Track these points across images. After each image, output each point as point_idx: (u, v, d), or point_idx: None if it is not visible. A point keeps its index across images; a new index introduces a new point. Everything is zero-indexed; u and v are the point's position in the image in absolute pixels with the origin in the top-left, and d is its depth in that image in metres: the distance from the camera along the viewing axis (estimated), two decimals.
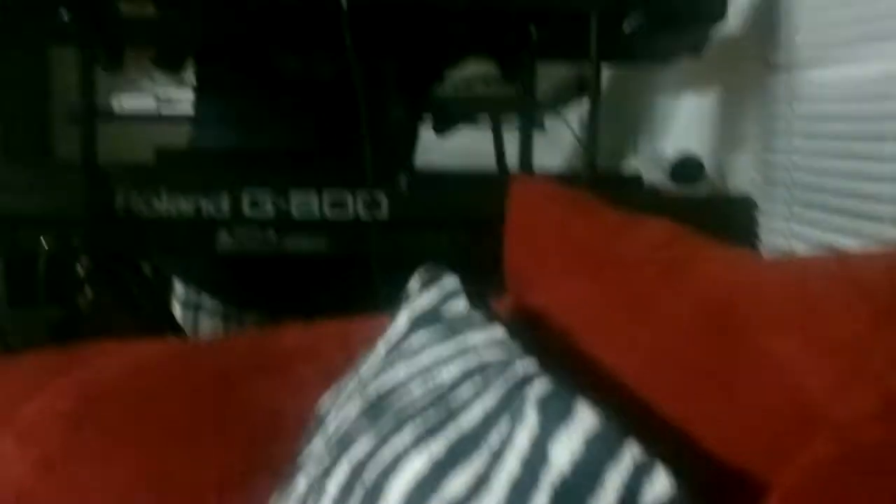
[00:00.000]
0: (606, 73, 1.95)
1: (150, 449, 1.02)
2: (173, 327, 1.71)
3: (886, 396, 0.60)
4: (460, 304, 0.88)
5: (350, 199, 1.50)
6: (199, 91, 1.86)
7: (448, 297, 0.90)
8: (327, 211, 1.50)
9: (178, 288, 1.85)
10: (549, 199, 1.11)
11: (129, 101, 2.50)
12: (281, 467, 0.92)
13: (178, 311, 1.85)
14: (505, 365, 0.77)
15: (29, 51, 2.62)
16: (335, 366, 1.04)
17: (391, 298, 1.14)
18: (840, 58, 1.39)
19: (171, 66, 1.93)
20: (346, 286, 1.68)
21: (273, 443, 1.00)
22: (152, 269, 1.80)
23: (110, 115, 1.47)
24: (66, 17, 1.37)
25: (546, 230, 1.08)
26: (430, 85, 1.81)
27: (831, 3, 1.40)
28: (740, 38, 1.64)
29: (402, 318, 0.90)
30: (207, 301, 1.81)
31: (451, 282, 0.92)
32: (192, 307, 1.82)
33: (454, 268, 1.54)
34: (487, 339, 0.82)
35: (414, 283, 0.96)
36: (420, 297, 0.92)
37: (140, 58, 1.80)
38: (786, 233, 1.50)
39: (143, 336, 1.54)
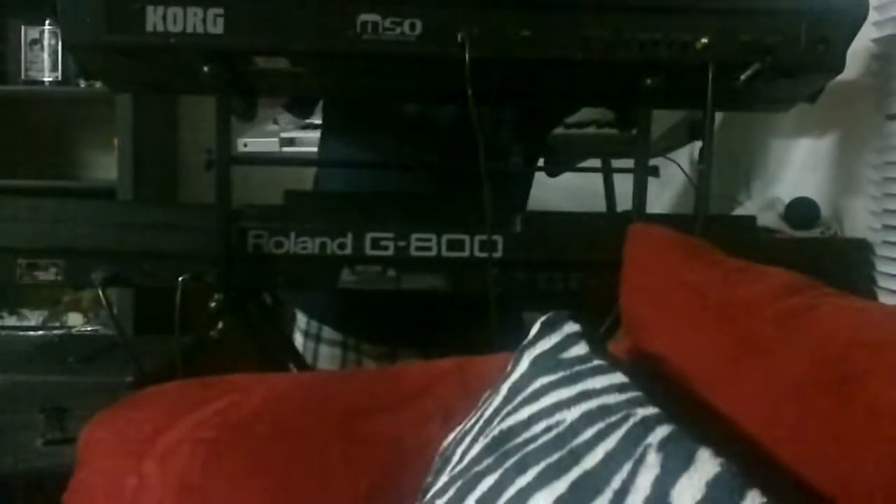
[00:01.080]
0: (720, 115, 1.95)
1: (282, 477, 1.07)
2: (294, 358, 1.76)
3: None
4: (581, 349, 0.91)
5: (467, 241, 1.53)
6: (325, 135, 1.92)
7: (569, 341, 0.93)
8: (445, 251, 1.53)
9: (300, 318, 1.91)
10: (666, 246, 1.13)
11: (254, 142, 2.60)
12: (404, 499, 0.96)
13: (298, 339, 1.91)
14: (626, 409, 0.79)
15: (163, 101, 2.75)
16: (453, 403, 1.07)
17: (505, 335, 1.17)
18: None
19: (301, 112, 2.01)
20: (460, 322, 1.72)
21: (396, 474, 1.04)
22: (273, 301, 1.86)
23: (242, 160, 1.54)
24: (206, 71, 1.44)
25: (663, 277, 1.09)
26: (547, 132, 1.85)
27: None
28: (857, 87, 1.62)
29: (525, 362, 0.93)
30: (327, 331, 1.87)
31: (572, 327, 0.94)
32: (314, 337, 1.88)
33: (567, 307, 1.57)
34: (608, 383, 0.84)
35: (536, 327, 0.99)
36: (542, 340, 0.95)
37: (269, 102, 1.88)
38: None
39: (267, 366, 1.61)
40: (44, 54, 2.85)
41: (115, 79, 1.75)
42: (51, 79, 2.82)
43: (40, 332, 2.89)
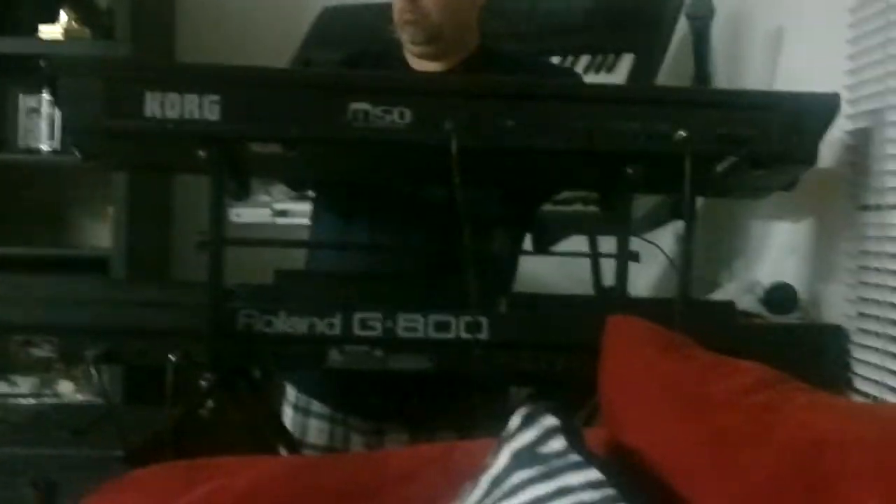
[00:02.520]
0: (700, 200, 1.98)
1: None
2: (283, 436, 1.77)
3: None
4: (559, 444, 0.92)
5: (453, 322, 1.54)
6: (317, 209, 1.95)
7: (547, 435, 0.94)
8: (431, 332, 1.54)
9: (290, 392, 1.92)
10: (644, 339, 1.15)
11: (247, 212, 2.62)
12: None
13: (288, 412, 1.91)
14: None
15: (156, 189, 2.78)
16: (437, 491, 1.08)
17: (491, 410, 1.19)
18: None
19: (296, 186, 2.05)
20: (448, 399, 1.73)
21: None
22: (263, 376, 1.86)
23: (234, 242, 1.55)
24: (202, 155, 1.47)
25: (640, 369, 1.12)
26: (533, 209, 1.88)
27: None
28: (832, 176, 1.65)
29: (504, 455, 0.95)
30: (316, 406, 1.87)
31: (550, 420, 0.96)
32: (303, 411, 1.88)
33: (551, 387, 1.59)
34: (585, 480, 0.86)
35: (515, 419, 1.00)
36: (521, 434, 0.97)
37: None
38: (878, 364, 1.50)
39: (257, 444, 1.62)
40: (41, 123, 2.87)
41: (112, 159, 1.79)
42: (48, 147, 2.84)
43: (32, 402, 2.87)
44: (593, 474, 0.87)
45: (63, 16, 2.69)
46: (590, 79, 2.12)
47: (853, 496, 0.79)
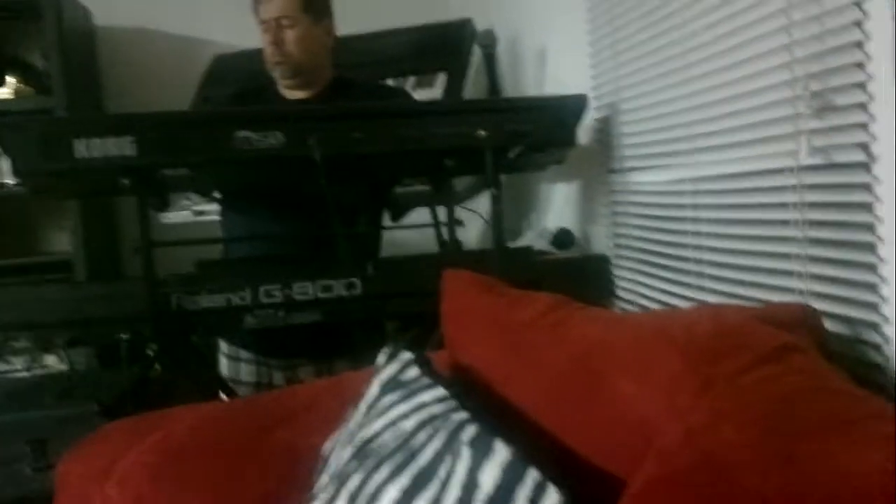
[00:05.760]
0: (503, 176, 1.99)
1: (211, 485, 1.03)
2: (219, 383, 1.71)
3: (686, 430, 0.65)
4: (414, 372, 0.92)
5: (335, 284, 1.51)
6: (224, 210, 1.87)
7: (405, 366, 0.93)
8: (319, 293, 1.51)
9: (223, 345, 1.84)
10: (468, 284, 1.15)
11: (173, 216, 2.49)
12: (301, 492, 0.95)
13: (223, 361, 1.83)
14: (446, 416, 0.80)
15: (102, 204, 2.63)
16: (332, 413, 1.05)
17: (371, 345, 1.16)
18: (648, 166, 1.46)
19: (204, 195, 1.96)
20: (339, 337, 1.72)
21: (294, 473, 1.01)
22: (200, 338, 1.78)
23: (159, 244, 1.47)
24: (126, 183, 1.38)
25: (467, 307, 1.11)
26: (386, 193, 1.85)
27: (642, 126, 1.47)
28: (590, 151, 1.69)
29: (375, 385, 0.93)
30: (244, 353, 1.80)
31: (406, 355, 0.95)
32: (234, 359, 1.81)
33: (411, 324, 1.57)
34: (434, 397, 0.85)
35: (381, 357, 0.99)
36: (386, 367, 0.95)
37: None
38: (632, 282, 1.55)
39: (198, 395, 1.55)
40: (5, 163, 2.65)
41: (56, 192, 1.66)
42: (12, 181, 2.61)
43: (25, 374, 2.69)
44: (440, 392, 0.86)
45: (9, 79, 2.49)
46: (415, 94, 2.09)
47: (615, 381, 0.80)
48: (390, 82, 2.27)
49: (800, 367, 0.70)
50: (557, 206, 1.98)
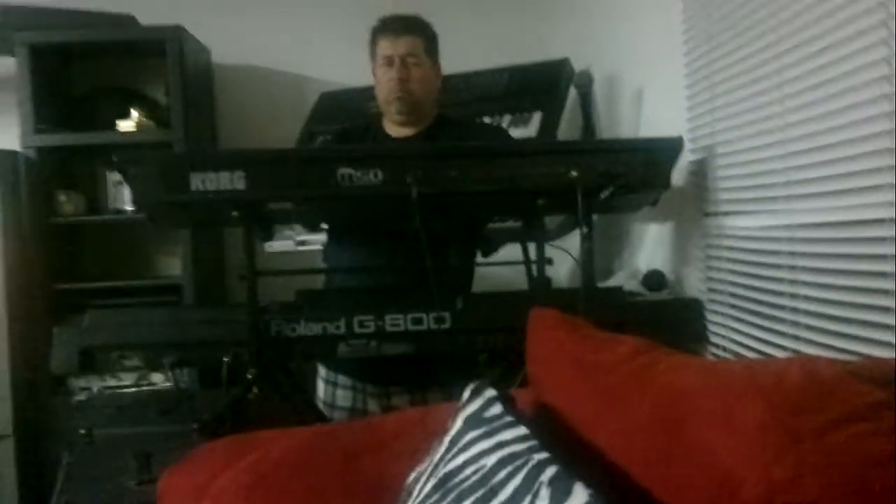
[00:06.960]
0: (594, 215, 1.99)
1: None
2: (314, 411, 1.76)
3: (769, 484, 0.64)
4: (498, 409, 0.93)
5: (425, 317, 1.56)
6: (329, 240, 1.94)
7: (488, 403, 0.95)
8: (410, 325, 1.56)
9: (321, 370, 1.90)
10: (555, 324, 1.16)
11: (278, 244, 2.60)
12: None
13: (321, 385, 1.89)
14: (528, 455, 0.81)
15: (211, 232, 2.78)
16: (418, 444, 1.08)
17: (463, 376, 1.18)
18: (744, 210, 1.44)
19: (309, 228, 2.05)
20: (432, 369, 1.76)
21: (378, 501, 1.05)
22: (299, 365, 1.84)
23: (265, 273, 1.56)
24: (235, 214, 1.48)
25: (552, 347, 1.12)
26: (477, 234, 1.88)
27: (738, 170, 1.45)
28: (684, 192, 1.68)
29: (459, 420, 0.96)
30: (341, 378, 1.86)
31: (490, 392, 0.97)
32: (332, 383, 1.87)
33: (497, 359, 1.59)
34: (516, 435, 0.86)
35: (466, 392, 1.01)
36: (470, 403, 0.98)
37: None
38: (725, 327, 1.52)
39: (292, 417, 1.62)
40: (125, 191, 2.85)
41: (171, 221, 1.78)
42: (131, 208, 2.82)
43: (133, 390, 2.85)
44: (522, 430, 0.87)
45: (134, 113, 2.69)
46: (511, 132, 2.13)
47: (699, 429, 0.79)
48: (487, 119, 2.33)
49: (890, 428, 0.68)
50: (650, 246, 1.97)
